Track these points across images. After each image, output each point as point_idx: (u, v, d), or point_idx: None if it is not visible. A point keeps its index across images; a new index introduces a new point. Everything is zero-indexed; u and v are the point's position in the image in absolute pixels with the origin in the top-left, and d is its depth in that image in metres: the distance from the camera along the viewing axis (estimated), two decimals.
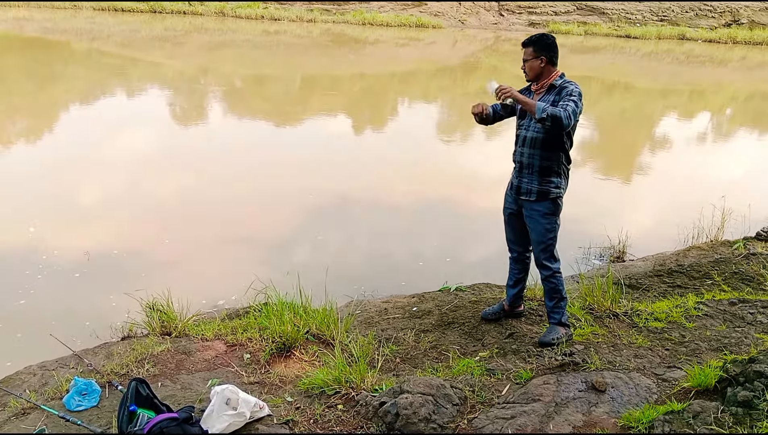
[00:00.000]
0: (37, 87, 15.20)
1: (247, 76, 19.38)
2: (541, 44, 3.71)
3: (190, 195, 7.89)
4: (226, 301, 5.22)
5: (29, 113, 12.63)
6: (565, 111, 3.48)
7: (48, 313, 4.91)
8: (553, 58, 3.73)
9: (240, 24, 30.02)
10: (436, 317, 4.49)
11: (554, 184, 3.77)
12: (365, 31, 30.27)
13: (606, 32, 33.12)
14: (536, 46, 3.71)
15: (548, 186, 3.77)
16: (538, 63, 3.72)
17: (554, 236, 3.88)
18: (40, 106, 13.31)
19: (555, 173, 3.76)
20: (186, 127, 12.32)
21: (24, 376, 3.74)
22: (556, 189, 3.78)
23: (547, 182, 3.77)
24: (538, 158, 3.75)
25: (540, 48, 3.71)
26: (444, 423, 2.97)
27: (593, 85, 20.34)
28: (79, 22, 27.57)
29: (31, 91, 14.80)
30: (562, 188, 3.81)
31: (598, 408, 3.11)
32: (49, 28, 26.00)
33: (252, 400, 3.03)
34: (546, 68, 3.73)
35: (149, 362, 3.76)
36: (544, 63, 3.71)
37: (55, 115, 12.50)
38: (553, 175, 3.76)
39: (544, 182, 3.77)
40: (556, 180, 3.77)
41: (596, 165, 11.11)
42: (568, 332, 3.92)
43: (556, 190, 3.78)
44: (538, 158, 3.75)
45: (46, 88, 15.21)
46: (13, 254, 5.87)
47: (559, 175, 3.78)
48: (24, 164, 9.02)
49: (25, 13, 29.26)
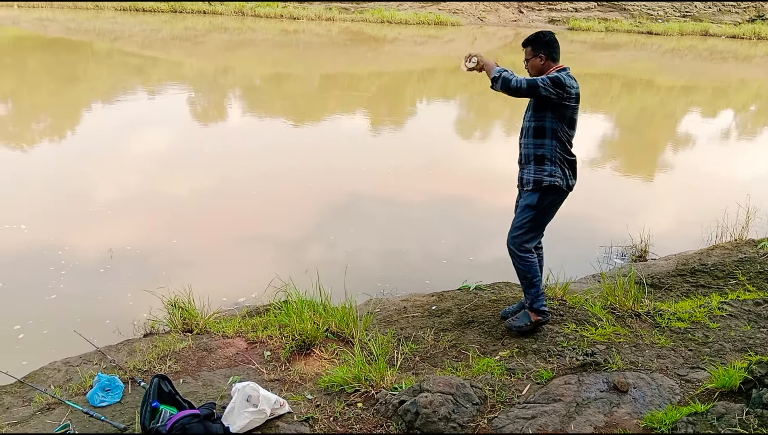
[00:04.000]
0: (59, 87, 15.42)
1: (266, 75, 19.48)
2: (539, 42, 3.78)
3: (210, 193, 7.95)
4: (246, 299, 5.26)
5: (52, 112, 12.82)
6: (517, 81, 3.60)
7: (72, 309, 4.99)
8: (552, 54, 3.78)
9: (259, 23, 30.18)
10: (456, 316, 4.48)
11: (547, 172, 3.78)
12: (384, 29, 30.26)
13: (627, 28, 32.77)
14: (534, 44, 3.79)
15: (541, 174, 3.79)
16: (539, 61, 3.79)
17: (525, 231, 3.91)
18: (62, 106, 13.51)
19: (549, 161, 3.78)
20: (206, 126, 12.42)
21: (49, 371, 3.80)
22: (549, 177, 3.78)
23: (541, 171, 3.80)
24: (532, 147, 3.81)
25: (538, 46, 3.78)
26: (464, 422, 2.96)
27: (614, 83, 20.13)
28: (101, 23, 27.91)
29: (54, 90, 15.02)
30: (557, 177, 3.79)
31: (620, 409, 3.08)
32: (71, 28, 26.35)
33: (273, 398, 3.05)
34: (546, 64, 3.79)
35: (171, 359, 3.79)
36: (543, 60, 3.78)
37: (78, 115, 12.67)
38: (547, 162, 3.78)
39: (538, 171, 3.81)
40: (549, 168, 3.78)
41: (617, 163, 11.00)
42: (540, 320, 3.98)
43: (549, 178, 3.78)
44: (532, 147, 3.81)
45: (68, 87, 15.42)
46: (38, 252, 5.96)
47: (554, 163, 3.78)
48: (48, 162, 9.16)
49: (48, 13, 29.70)
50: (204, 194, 7.93)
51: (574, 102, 3.72)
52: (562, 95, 3.65)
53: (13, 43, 22.30)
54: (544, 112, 3.74)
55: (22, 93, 14.54)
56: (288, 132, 11.90)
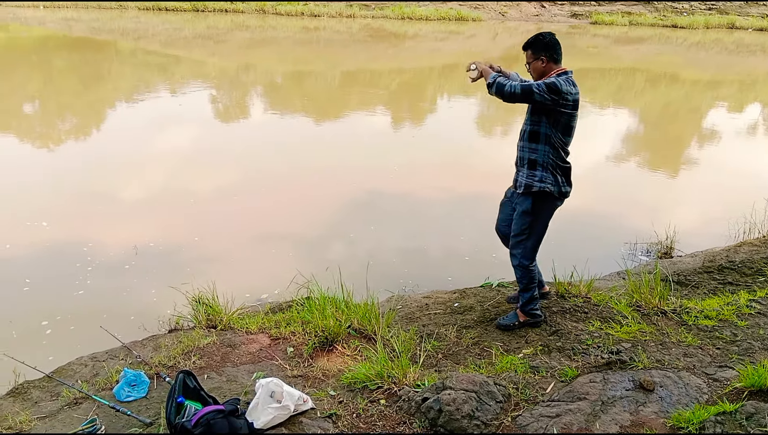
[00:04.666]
0: (84, 86, 15.64)
1: (287, 72, 19.56)
2: (539, 44, 3.75)
3: (232, 190, 8.00)
4: (269, 295, 5.29)
5: (77, 111, 13.01)
6: (511, 86, 3.61)
7: (98, 305, 5.06)
8: (554, 56, 3.75)
9: (280, 21, 30.29)
10: (478, 313, 4.46)
11: (537, 177, 3.80)
12: (404, 25, 30.20)
13: (651, 22, 32.30)
14: (534, 47, 3.76)
15: (532, 179, 3.82)
16: (540, 63, 3.76)
17: (525, 238, 3.96)
18: (87, 105, 13.70)
19: (541, 166, 3.79)
20: (227, 124, 12.51)
21: (76, 366, 3.86)
22: (539, 182, 3.79)
23: (532, 175, 3.82)
24: (527, 151, 3.83)
25: (538, 48, 3.75)
26: (487, 420, 2.95)
27: (638, 77, 19.87)
28: (125, 22, 28.24)
29: (79, 89, 15.23)
30: (547, 183, 3.80)
31: (646, 407, 3.04)
32: (96, 28, 26.69)
33: (296, 394, 3.06)
34: (548, 66, 3.76)
35: (196, 355, 3.83)
36: (545, 62, 3.75)
37: (102, 113, 12.83)
38: (538, 168, 3.80)
39: (530, 175, 3.83)
40: (539, 174, 3.80)
41: (642, 159, 10.86)
42: (529, 322, 4.10)
43: (540, 184, 3.79)
44: (527, 151, 3.83)
45: (93, 86, 15.63)
46: (64, 248, 6.05)
47: (545, 169, 3.79)
48: (72, 161, 9.30)
49: (73, 13, 30.11)
50: (226, 191, 7.98)
51: (571, 108, 3.69)
52: (557, 101, 3.62)
53: (39, 42, 22.66)
54: (540, 116, 3.74)
55: (48, 92, 14.78)
56: (308, 129, 11.94)
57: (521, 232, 3.95)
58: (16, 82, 15.44)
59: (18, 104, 13.29)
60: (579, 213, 7.53)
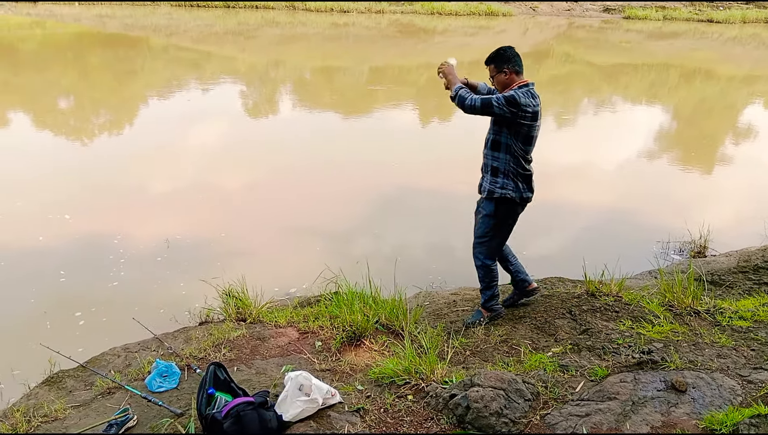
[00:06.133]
0: (118, 81, 15.91)
1: (316, 68, 19.64)
2: (501, 58, 3.88)
3: (261, 185, 8.08)
4: (297, 289, 5.33)
5: (111, 107, 13.24)
6: (472, 100, 3.79)
7: (130, 297, 5.17)
8: (515, 68, 3.87)
9: (310, 17, 30.42)
10: (507, 311, 4.43)
11: (499, 184, 3.95)
12: (433, 20, 30.09)
13: (686, 17, 31.68)
14: (496, 61, 3.89)
15: (494, 185, 3.97)
16: (503, 76, 3.89)
17: (488, 239, 4.14)
18: (120, 100, 13.94)
19: (502, 174, 3.94)
20: (257, 119, 12.62)
21: (109, 357, 3.94)
22: (500, 189, 3.95)
23: (494, 182, 3.97)
24: (490, 158, 3.98)
25: (501, 62, 3.88)
26: (516, 418, 2.93)
27: (671, 73, 19.50)
28: (158, 18, 28.63)
29: (113, 86, 15.50)
30: (508, 189, 3.94)
31: (678, 408, 2.98)
32: (129, 24, 27.12)
33: (324, 387, 3.08)
34: (510, 77, 3.88)
35: (226, 347, 3.88)
36: (508, 74, 3.87)
37: (135, 109, 13.05)
38: (500, 175, 3.95)
39: (492, 182, 3.98)
40: (501, 180, 3.95)
41: (675, 155, 10.67)
42: (492, 315, 4.29)
43: (501, 190, 3.95)
44: (490, 158, 3.98)
45: (126, 82, 15.89)
46: (97, 241, 6.18)
47: (507, 177, 3.94)
48: (106, 155, 9.47)
49: (108, 10, 30.62)
50: (255, 185, 8.06)
51: (530, 120, 3.80)
52: (516, 113, 3.74)
53: (74, 39, 23.11)
54: (501, 127, 3.88)
55: (82, 88, 15.07)
56: (336, 125, 11.98)
57: (484, 234, 4.13)
58: (51, 78, 15.78)
59: (53, 99, 13.58)
60: (611, 210, 7.44)
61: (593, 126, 12.70)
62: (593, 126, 12.70)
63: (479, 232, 4.16)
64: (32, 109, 12.56)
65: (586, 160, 9.57)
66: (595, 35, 27.60)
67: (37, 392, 3.56)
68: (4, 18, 27.23)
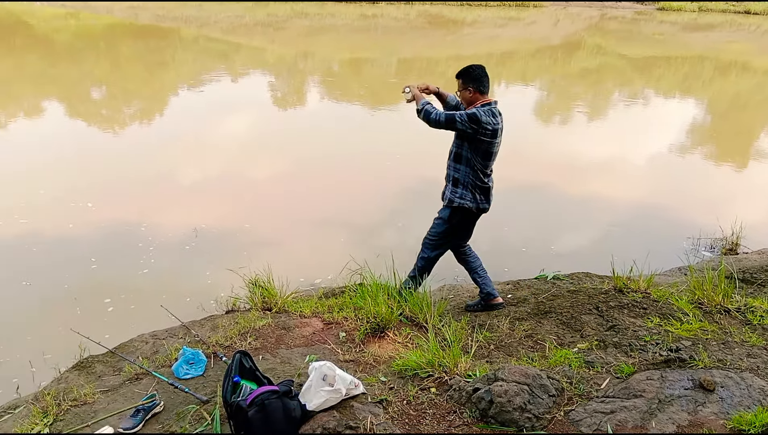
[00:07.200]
0: (149, 72, 16.12)
1: (344, 60, 19.64)
2: (468, 76, 4.05)
3: (288, 177, 8.13)
4: (322, 280, 5.36)
5: (142, 98, 13.43)
6: (437, 114, 4.01)
7: (158, 284, 5.25)
8: (480, 88, 4.04)
9: (339, 8, 30.42)
10: (532, 305, 4.40)
11: (458, 194, 4.17)
12: (463, 11, 29.85)
13: (722, 8, 30.94)
14: (464, 78, 4.07)
15: (454, 195, 4.19)
16: (467, 93, 4.07)
17: (437, 240, 4.35)
18: (151, 91, 14.13)
19: (462, 185, 4.15)
20: (285, 111, 12.69)
21: (137, 343, 4.00)
22: (459, 199, 4.16)
23: (454, 192, 4.19)
24: (452, 169, 4.20)
25: (467, 80, 4.05)
26: (539, 413, 2.91)
27: (706, 65, 19.08)
28: (189, 10, 28.92)
29: (145, 76, 15.71)
30: (466, 200, 4.15)
31: (706, 408, 2.93)
32: (161, 15, 27.44)
33: (348, 378, 3.09)
34: (474, 96, 4.06)
35: (251, 336, 3.92)
36: (472, 92, 4.05)
37: (165, 100, 13.22)
38: (460, 185, 4.16)
39: (452, 191, 4.20)
40: (460, 191, 4.16)
41: (708, 150, 10.45)
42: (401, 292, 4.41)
43: (459, 200, 4.16)
44: (452, 169, 4.20)
45: (157, 73, 16.10)
46: (127, 229, 6.28)
47: (466, 188, 4.15)
48: (137, 145, 9.61)
49: (140, 3, 31.00)
50: (282, 176, 8.11)
51: (490, 137, 3.99)
52: (477, 130, 3.93)
53: (107, 30, 23.47)
54: (463, 141, 4.08)
55: (114, 78, 15.30)
56: (363, 116, 11.98)
57: (436, 235, 4.35)
58: (85, 69, 16.05)
59: (86, 90, 13.82)
60: (640, 205, 7.33)
61: (624, 119, 12.50)
62: (624, 119, 12.50)
63: (431, 231, 4.38)
64: (66, 99, 12.80)
65: (617, 154, 9.43)
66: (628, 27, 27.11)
67: (67, 376, 3.64)
68: (40, 9, 27.76)
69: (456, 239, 4.43)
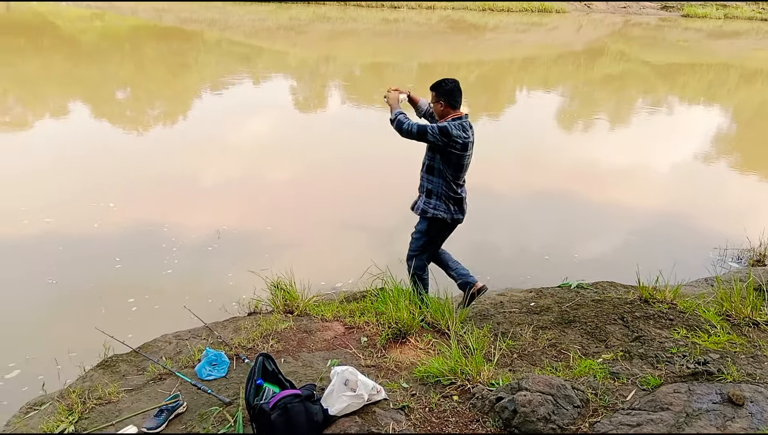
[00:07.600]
0: (172, 74, 16.28)
1: (366, 64, 19.68)
2: (440, 91, 4.13)
3: (309, 180, 8.15)
4: (343, 284, 5.37)
5: (165, 99, 13.57)
6: (409, 125, 4.10)
7: (181, 285, 5.28)
8: (451, 102, 4.12)
9: (361, 12, 30.51)
10: (556, 314, 4.35)
11: (432, 205, 4.25)
12: (485, 16, 29.79)
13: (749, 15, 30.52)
14: (437, 91, 4.15)
15: (427, 206, 4.26)
16: (439, 106, 4.15)
17: (419, 253, 4.42)
18: (174, 93, 14.26)
19: (435, 196, 4.24)
20: (306, 114, 12.74)
21: (160, 343, 4.03)
22: (433, 209, 4.24)
23: (427, 203, 4.26)
24: (425, 181, 4.28)
25: (439, 94, 4.14)
26: (564, 424, 2.87)
27: (731, 73, 18.83)
28: (212, 12, 29.16)
29: (168, 78, 15.87)
30: (440, 211, 4.23)
31: (734, 423, 2.88)
32: (184, 18, 27.71)
33: (370, 383, 3.08)
34: (446, 110, 4.14)
35: (273, 338, 3.92)
36: (443, 106, 4.13)
37: (188, 102, 13.33)
38: (433, 196, 4.24)
39: (426, 202, 4.27)
40: (434, 202, 4.24)
41: (734, 160, 10.29)
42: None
43: (433, 211, 4.24)
44: (425, 181, 4.28)
45: (180, 75, 16.25)
46: (151, 229, 6.33)
47: (439, 199, 4.23)
48: (160, 146, 9.71)
49: (164, 4, 31.35)
50: (304, 180, 8.14)
51: (460, 150, 4.06)
52: (448, 143, 4.02)
53: (131, 31, 23.76)
54: (435, 154, 4.15)
55: (138, 80, 15.48)
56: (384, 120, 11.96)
57: (417, 249, 4.42)
58: (110, 70, 16.25)
59: (111, 91, 13.99)
60: (666, 215, 7.24)
61: (648, 126, 12.37)
62: (648, 126, 12.37)
63: (412, 246, 4.45)
64: (91, 99, 12.96)
65: (640, 162, 9.33)
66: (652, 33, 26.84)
67: (92, 375, 3.67)
68: (66, 9, 28.18)
69: (436, 248, 4.51)
